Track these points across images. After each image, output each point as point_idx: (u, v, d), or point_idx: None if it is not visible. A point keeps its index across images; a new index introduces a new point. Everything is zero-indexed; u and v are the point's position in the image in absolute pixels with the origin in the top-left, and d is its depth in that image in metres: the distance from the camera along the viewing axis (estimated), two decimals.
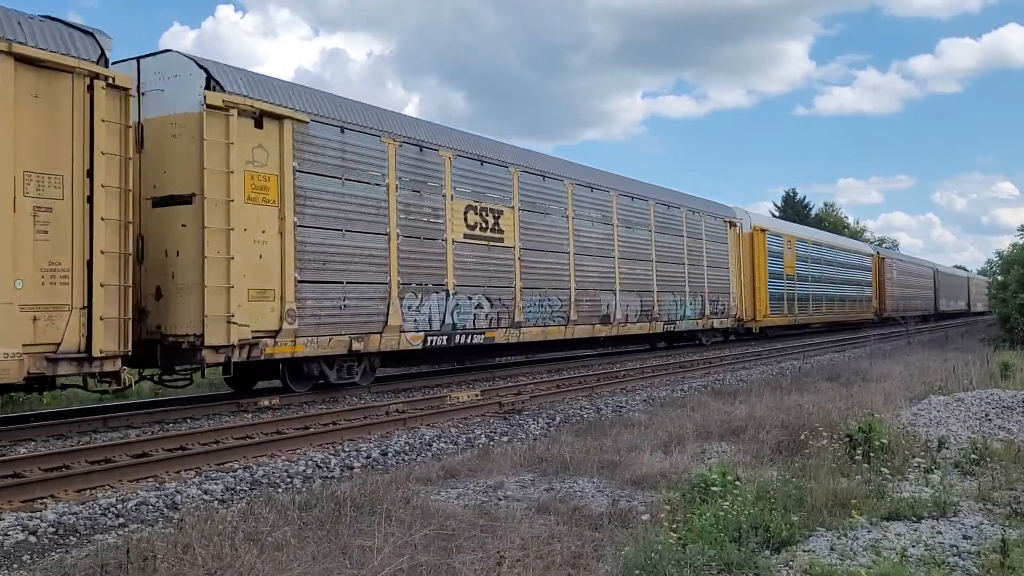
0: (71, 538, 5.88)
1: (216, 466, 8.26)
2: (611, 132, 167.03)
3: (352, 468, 8.33)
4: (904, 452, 7.35)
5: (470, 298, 15.78)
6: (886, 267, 47.29)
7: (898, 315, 45.98)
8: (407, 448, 9.28)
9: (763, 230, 30.65)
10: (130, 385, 10.28)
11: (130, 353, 9.95)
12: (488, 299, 16.24)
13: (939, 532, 5.32)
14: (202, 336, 10.84)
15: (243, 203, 11.50)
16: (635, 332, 21.88)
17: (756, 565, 4.59)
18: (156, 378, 11.96)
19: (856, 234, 71.34)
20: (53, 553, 5.51)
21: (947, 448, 7.69)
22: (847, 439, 7.31)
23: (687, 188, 60.55)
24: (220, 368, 11.57)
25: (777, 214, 64.29)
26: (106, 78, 9.73)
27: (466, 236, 15.82)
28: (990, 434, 8.21)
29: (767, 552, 4.89)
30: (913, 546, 5.02)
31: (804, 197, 69.76)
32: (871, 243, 56.69)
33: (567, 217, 19.05)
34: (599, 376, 16.84)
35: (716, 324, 26.65)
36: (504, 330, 16.67)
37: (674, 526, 5.17)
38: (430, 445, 9.52)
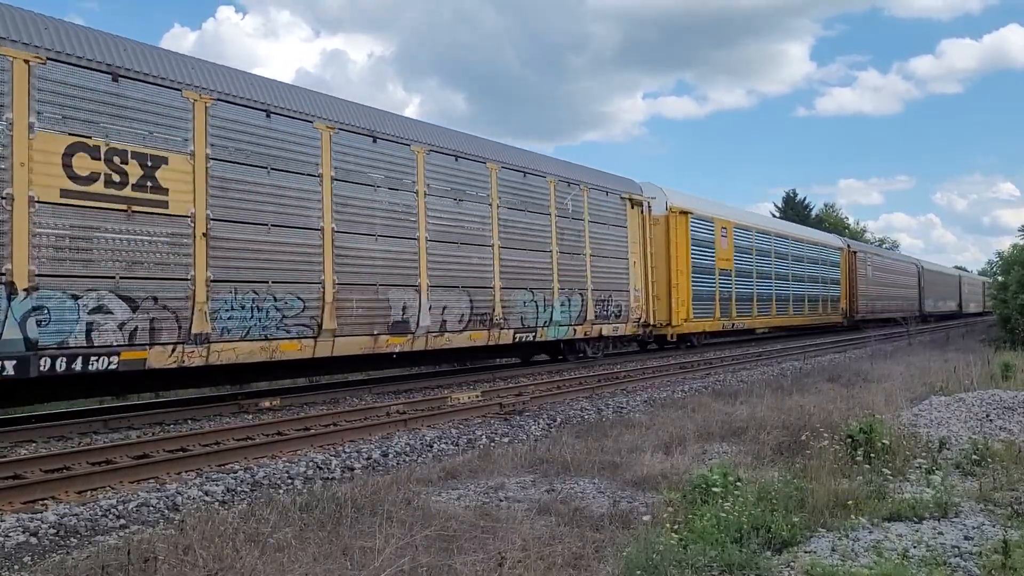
0: (72, 539, 5.88)
1: (217, 467, 8.26)
2: (612, 133, 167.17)
3: (353, 469, 8.33)
4: (905, 453, 7.35)
5: (75, 297, 9.71)
6: (858, 262, 41.06)
7: (874, 317, 41.87)
8: (408, 449, 9.28)
9: (684, 212, 24.54)
10: None
11: None
12: (125, 298, 10.17)
13: (940, 533, 5.32)
14: None
15: None
16: (460, 345, 15.61)
17: (757, 566, 4.59)
18: None
19: (856, 235, 71.21)
20: (54, 554, 5.51)
21: (948, 449, 7.68)
22: (848, 440, 7.31)
23: (688, 188, 58.91)
24: None
25: (777, 214, 64.21)
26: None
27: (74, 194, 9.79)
28: (991, 435, 8.22)
29: (768, 553, 4.89)
30: (914, 547, 5.02)
31: (804, 198, 69.83)
32: (843, 235, 49.52)
33: (320, 176, 12.92)
34: (600, 377, 16.83)
35: (607, 331, 20.55)
36: (171, 348, 10.65)
37: (675, 527, 5.17)
38: (431, 446, 9.52)
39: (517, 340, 17.22)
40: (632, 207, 21.95)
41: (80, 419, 10.68)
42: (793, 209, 66.08)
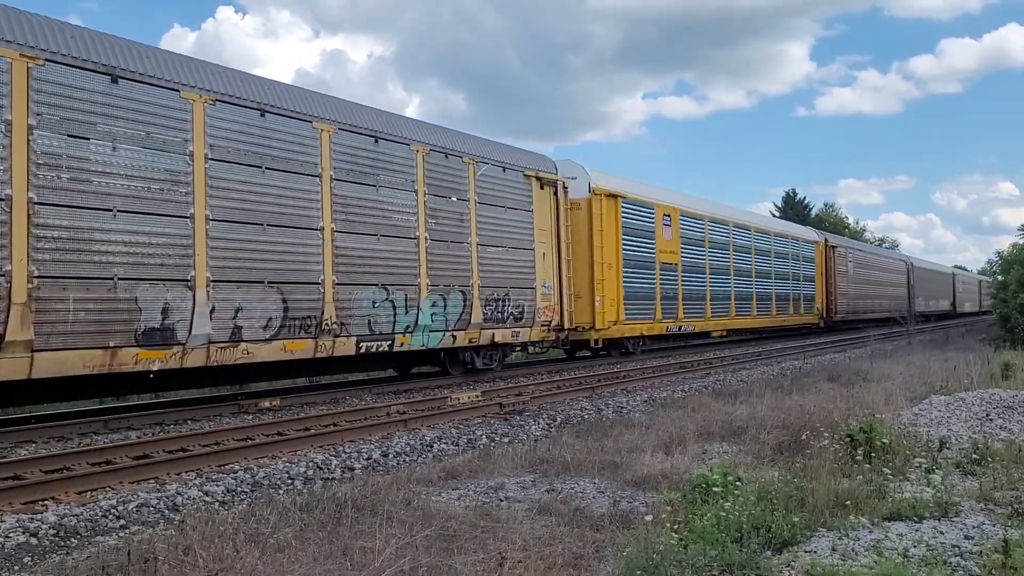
0: (72, 540, 5.88)
1: (217, 467, 8.26)
2: (612, 133, 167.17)
3: (353, 469, 8.33)
4: (905, 452, 7.34)
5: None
6: (837, 257, 37.03)
7: (856, 318, 38.47)
8: (408, 449, 9.28)
9: (613, 195, 20.52)
10: None
11: None
12: None
13: (941, 532, 5.32)
14: None
15: None
16: (267, 359, 11.96)
17: (757, 566, 4.59)
18: None
19: (856, 234, 71.13)
20: (54, 555, 5.51)
21: (948, 448, 7.68)
22: (848, 439, 7.30)
23: (688, 189, 57.30)
24: None
25: (777, 214, 64.11)
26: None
27: None
28: (991, 434, 8.21)
29: (768, 553, 4.89)
30: (915, 546, 5.02)
31: (804, 198, 69.76)
32: (819, 229, 43.45)
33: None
34: (600, 376, 16.83)
35: (502, 336, 16.72)
36: None
37: (675, 527, 5.16)
38: (431, 446, 9.52)
39: (363, 351, 13.52)
40: (542, 187, 18.00)
41: (80, 419, 10.68)
42: (793, 209, 66.05)
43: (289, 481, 7.78)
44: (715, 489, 5.75)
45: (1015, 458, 7.16)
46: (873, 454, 6.96)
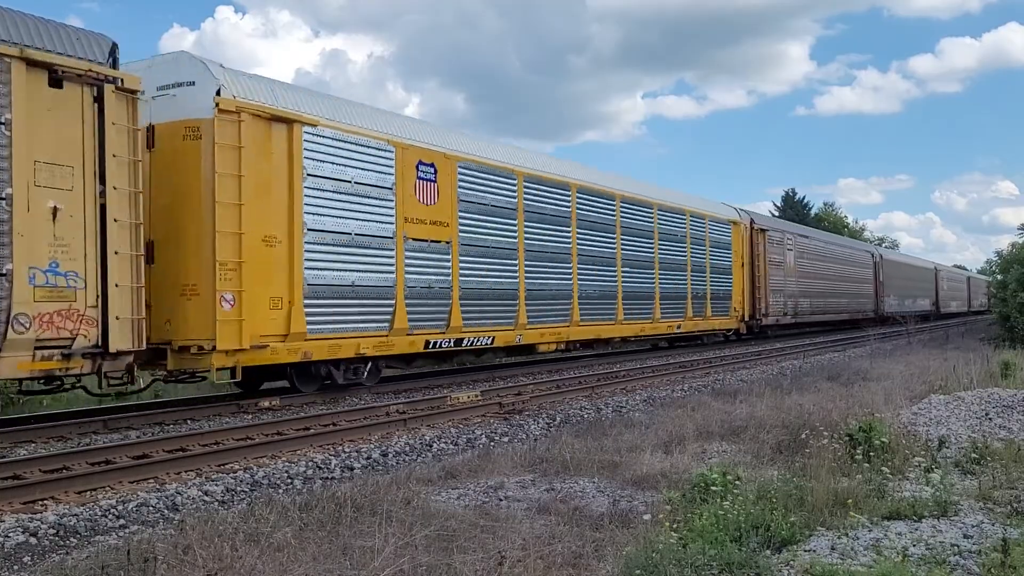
0: (72, 540, 5.88)
1: (216, 467, 8.25)
2: (611, 133, 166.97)
3: (352, 469, 8.33)
4: (904, 451, 7.35)
5: None
6: (769, 244, 29.32)
7: (796, 321, 31.87)
8: (407, 449, 9.28)
9: (277, 118, 12.00)
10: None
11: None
12: None
13: (940, 531, 5.32)
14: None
15: None
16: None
17: (757, 565, 4.59)
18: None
19: (855, 234, 71.07)
20: (54, 555, 5.52)
21: (947, 447, 7.69)
22: (847, 439, 7.31)
23: (689, 189, 54.30)
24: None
25: (777, 214, 64.09)
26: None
27: None
28: (990, 433, 8.22)
29: (768, 552, 4.89)
30: (914, 545, 5.02)
31: (804, 197, 69.71)
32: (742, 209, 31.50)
33: None
34: (599, 376, 16.83)
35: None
36: None
37: (675, 526, 5.17)
38: (430, 446, 9.52)
39: None
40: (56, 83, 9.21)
41: (79, 419, 10.67)
42: (792, 208, 66.04)
43: (288, 481, 7.78)
44: (714, 488, 5.76)
45: (1014, 457, 7.17)
46: (872, 453, 6.96)
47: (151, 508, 6.64)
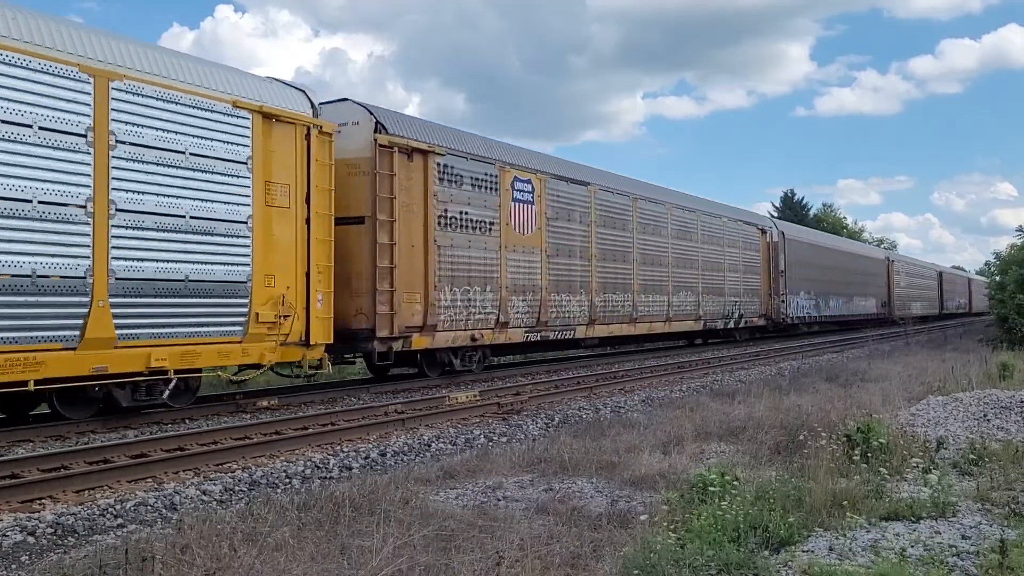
0: (69, 539, 5.88)
1: (215, 467, 8.25)
2: (611, 133, 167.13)
3: (351, 469, 8.33)
4: (902, 452, 7.35)
5: None
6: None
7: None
8: (406, 449, 9.28)
9: None
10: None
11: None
12: None
13: (938, 532, 5.32)
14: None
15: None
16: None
17: (755, 565, 4.59)
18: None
19: (855, 234, 71.06)
20: (51, 554, 5.51)
21: (945, 448, 7.69)
22: (846, 439, 7.32)
23: (688, 189, 52.64)
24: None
25: (776, 215, 64.02)
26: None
27: None
28: (988, 434, 8.22)
29: (766, 552, 4.89)
30: (912, 546, 5.02)
31: (803, 198, 69.76)
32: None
33: None
34: (598, 376, 16.84)
35: None
36: None
37: (673, 526, 5.17)
38: (429, 446, 9.52)
39: None
40: None
41: (77, 418, 10.64)
42: (791, 209, 66.05)
43: (287, 480, 7.78)
44: (712, 489, 5.76)
45: (1012, 458, 7.17)
46: (870, 454, 6.97)
47: (149, 507, 6.63)
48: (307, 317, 12.25)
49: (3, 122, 9.01)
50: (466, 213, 15.71)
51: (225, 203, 11.23)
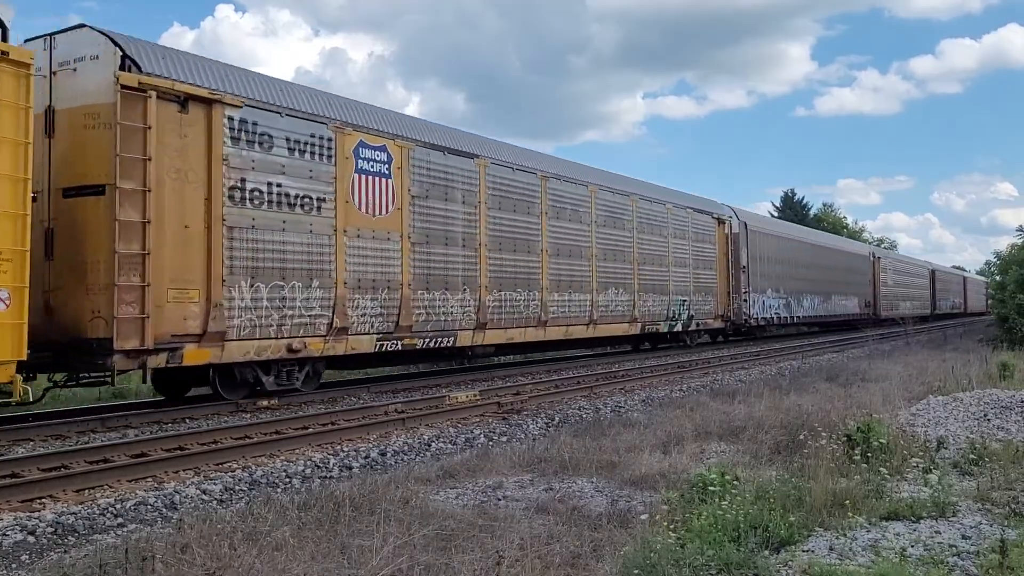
0: (70, 538, 5.88)
1: (215, 466, 8.25)
2: (611, 133, 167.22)
3: (351, 468, 8.33)
4: (903, 452, 7.35)
5: None
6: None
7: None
8: (406, 448, 9.28)
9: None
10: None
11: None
12: None
13: (938, 532, 5.32)
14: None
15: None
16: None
17: (755, 565, 4.59)
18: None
19: (855, 234, 71.07)
20: (52, 553, 5.51)
21: (946, 448, 7.69)
22: (846, 439, 7.32)
23: (689, 189, 52.19)
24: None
25: (776, 215, 64.04)
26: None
27: None
28: (988, 434, 8.22)
29: (766, 552, 4.89)
30: (912, 546, 5.02)
31: (803, 198, 69.75)
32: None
33: None
34: (598, 376, 16.84)
35: None
36: None
37: (673, 526, 5.17)
38: (429, 445, 9.52)
39: None
40: None
41: (77, 418, 10.66)
42: (791, 209, 66.04)
43: (287, 480, 7.78)
44: (712, 488, 5.76)
45: (1012, 458, 7.17)
46: (871, 454, 6.97)
47: (149, 507, 6.63)
48: None
49: None
50: (279, 185, 12.09)
51: None
